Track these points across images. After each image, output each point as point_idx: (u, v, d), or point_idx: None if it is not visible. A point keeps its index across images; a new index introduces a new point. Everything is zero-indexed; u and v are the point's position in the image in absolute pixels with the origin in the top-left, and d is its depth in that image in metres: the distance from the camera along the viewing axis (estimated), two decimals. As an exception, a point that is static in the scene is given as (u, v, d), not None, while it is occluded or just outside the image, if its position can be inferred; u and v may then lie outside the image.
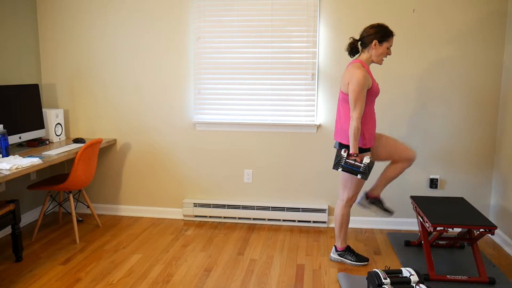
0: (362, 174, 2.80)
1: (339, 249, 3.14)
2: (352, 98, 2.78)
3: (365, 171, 2.79)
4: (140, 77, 3.95)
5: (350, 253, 3.12)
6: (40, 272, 2.98)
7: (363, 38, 2.88)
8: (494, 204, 3.63)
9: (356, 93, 2.76)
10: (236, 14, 3.73)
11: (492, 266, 3.06)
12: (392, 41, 2.86)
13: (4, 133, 3.06)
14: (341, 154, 2.84)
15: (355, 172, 2.81)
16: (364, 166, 2.79)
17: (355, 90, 2.76)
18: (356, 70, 2.78)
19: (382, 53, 2.86)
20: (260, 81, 3.78)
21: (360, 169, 2.80)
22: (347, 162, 2.82)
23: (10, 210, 3.06)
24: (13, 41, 3.71)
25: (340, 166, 2.84)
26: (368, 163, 2.79)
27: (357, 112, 2.77)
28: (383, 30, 2.83)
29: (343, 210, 3.05)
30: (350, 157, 2.82)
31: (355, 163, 2.81)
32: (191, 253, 3.31)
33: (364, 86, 2.76)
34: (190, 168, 4.01)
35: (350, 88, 2.78)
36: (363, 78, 2.75)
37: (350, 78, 2.79)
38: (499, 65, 3.53)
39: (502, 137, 3.52)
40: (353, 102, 2.78)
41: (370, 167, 2.80)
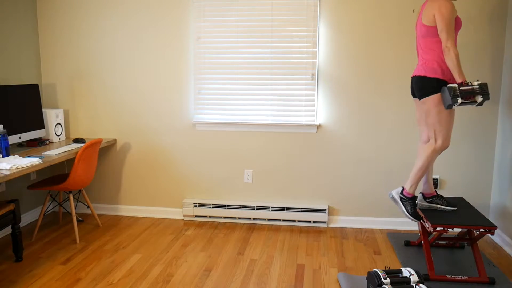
0: (484, 94, 2.63)
1: (406, 194, 2.99)
2: (444, 27, 2.72)
3: (484, 90, 2.62)
4: (140, 77, 3.95)
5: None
6: (40, 272, 2.98)
7: None
8: (494, 204, 3.63)
9: (448, 21, 2.71)
10: (236, 14, 3.73)
11: (492, 266, 3.06)
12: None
13: (4, 133, 3.06)
14: (453, 86, 2.65)
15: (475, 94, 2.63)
16: (479, 86, 2.63)
17: (447, 18, 2.72)
18: (443, 0, 2.75)
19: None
20: (260, 81, 3.78)
21: (477, 90, 2.63)
22: (462, 90, 2.64)
23: (10, 210, 3.06)
24: (13, 41, 3.71)
25: (458, 97, 2.63)
26: (480, 83, 2.65)
27: (451, 40, 2.71)
28: None
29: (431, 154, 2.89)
30: (462, 85, 2.66)
31: (472, 87, 2.64)
32: (191, 253, 3.31)
33: (453, 15, 2.74)
34: (190, 168, 4.01)
35: (439, 18, 2.73)
36: (451, 8, 2.73)
37: (438, 9, 2.74)
38: (500, 64, 3.53)
39: (502, 137, 3.52)
40: (445, 32, 2.72)
41: (485, 85, 2.63)
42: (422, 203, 3.10)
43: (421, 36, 2.89)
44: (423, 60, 2.88)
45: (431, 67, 2.82)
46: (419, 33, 2.91)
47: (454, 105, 2.67)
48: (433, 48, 2.83)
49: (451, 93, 2.66)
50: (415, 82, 2.92)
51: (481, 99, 2.64)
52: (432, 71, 2.82)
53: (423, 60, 2.87)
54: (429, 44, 2.84)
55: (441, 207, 3.04)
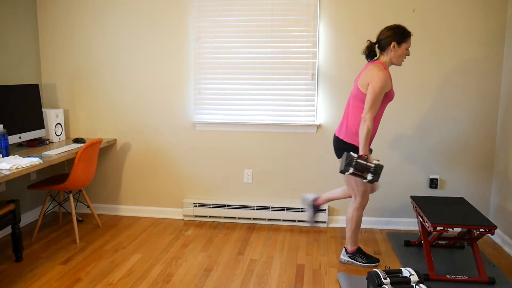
0: (374, 175, 2.72)
1: (350, 251, 3.11)
2: (370, 99, 2.73)
3: (377, 171, 2.72)
4: (140, 77, 3.95)
5: (360, 255, 3.09)
6: (40, 272, 2.98)
7: (380, 41, 2.85)
8: (494, 204, 3.63)
9: (375, 95, 2.72)
10: (236, 14, 3.73)
11: (492, 266, 3.06)
12: (410, 42, 2.83)
13: (4, 133, 3.06)
14: (352, 155, 2.73)
15: (366, 172, 2.73)
16: (375, 166, 2.72)
17: (375, 91, 2.72)
18: (379, 71, 2.74)
19: (401, 55, 2.83)
20: (260, 81, 3.78)
21: (371, 169, 2.72)
22: (358, 163, 2.72)
23: (10, 210, 3.06)
24: (13, 41, 3.71)
25: (351, 167, 2.73)
26: (377, 163, 2.73)
27: (371, 114, 2.74)
28: (401, 31, 2.80)
29: (355, 213, 3.01)
30: (360, 158, 2.75)
31: (367, 163, 2.73)
32: (191, 253, 3.31)
33: (384, 89, 2.74)
34: (190, 168, 4.01)
35: (370, 89, 2.73)
36: (385, 81, 2.72)
37: (372, 79, 2.74)
38: (500, 64, 3.53)
39: (502, 137, 3.52)
40: (369, 103, 2.74)
41: (381, 167, 2.73)
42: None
43: (352, 97, 2.90)
44: (346, 122, 2.91)
45: (351, 132, 2.88)
46: (352, 93, 2.91)
47: (345, 173, 2.76)
48: (357, 113, 2.86)
49: (347, 160, 2.74)
50: (335, 141, 2.99)
51: (371, 178, 2.73)
52: (350, 137, 2.88)
53: (346, 122, 2.91)
54: (357, 108, 2.86)
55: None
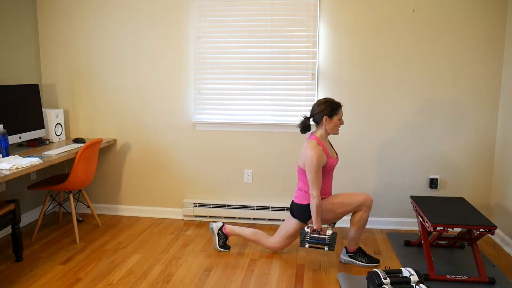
0: (329, 246, 2.90)
1: (351, 251, 3.11)
2: (310, 178, 2.89)
3: (331, 242, 2.89)
4: (140, 77, 3.95)
5: (361, 254, 3.10)
6: (40, 272, 2.98)
7: (313, 116, 3.00)
8: (494, 204, 3.63)
9: (313, 173, 2.87)
10: (236, 14, 3.73)
11: (492, 266, 3.06)
12: (341, 112, 2.98)
13: (4, 133, 3.06)
14: (305, 230, 2.91)
15: (321, 245, 2.90)
16: (329, 237, 2.89)
17: (311, 171, 2.87)
18: (310, 150, 2.87)
19: (335, 126, 2.98)
20: (260, 81, 3.78)
21: (325, 241, 2.89)
22: (312, 237, 2.90)
23: (10, 210, 3.06)
24: (13, 41, 3.71)
25: (306, 242, 2.92)
26: (331, 234, 2.90)
27: (316, 190, 2.87)
28: (330, 105, 2.94)
29: (362, 215, 3.01)
30: (314, 232, 2.90)
31: (320, 236, 2.89)
32: (191, 253, 3.31)
33: (319, 167, 2.87)
34: (190, 168, 4.01)
35: (307, 169, 2.90)
36: (316, 160, 2.85)
37: (305, 159, 2.90)
38: (500, 64, 3.53)
39: (502, 137, 3.52)
40: (310, 182, 2.88)
41: (334, 237, 2.90)
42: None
43: (298, 171, 3.04)
44: (299, 189, 3.05)
45: (303, 196, 3.02)
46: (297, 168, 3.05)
47: (303, 247, 3.00)
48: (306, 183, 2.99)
49: (301, 236, 2.93)
50: (294, 207, 3.09)
51: (327, 249, 2.91)
52: (304, 199, 3.02)
53: (300, 189, 3.05)
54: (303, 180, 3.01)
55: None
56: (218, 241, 3.32)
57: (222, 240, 3.32)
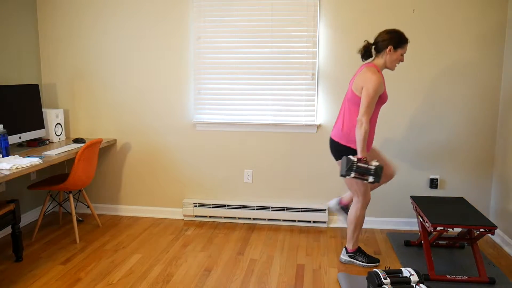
0: (375, 177, 2.74)
1: (350, 251, 3.11)
2: (365, 102, 2.75)
3: (377, 173, 2.74)
4: (140, 77, 3.95)
5: (361, 254, 3.10)
6: (40, 272, 2.98)
7: (377, 43, 2.86)
8: (494, 204, 3.63)
9: (370, 98, 2.74)
10: (236, 14, 3.73)
11: (492, 266, 3.06)
12: (406, 48, 2.85)
13: (4, 133, 3.06)
14: (352, 159, 2.74)
15: (367, 174, 2.75)
16: (375, 168, 2.74)
17: (369, 95, 2.74)
18: (372, 75, 2.76)
19: (396, 59, 2.85)
20: (260, 81, 3.78)
21: (371, 171, 2.74)
22: (358, 166, 2.73)
23: (10, 210, 3.06)
24: (13, 41, 3.71)
25: (352, 171, 2.74)
26: (377, 165, 2.75)
27: (367, 116, 2.75)
28: (398, 36, 2.82)
29: (358, 212, 3.01)
30: (360, 161, 2.76)
31: (367, 166, 2.75)
32: (191, 253, 3.31)
33: (378, 92, 2.76)
34: (190, 168, 4.01)
35: (364, 92, 2.76)
36: (378, 84, 2.74)
37: (365, 82, 2.76)
38: (500, 64, 3.53)
39: (502, 137, 3.52)
40: (364, 106, 2.75)
41: (381, 168, 2.75)
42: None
43: (347, 99, 2.93)
44: (341, 125, 2.93)
45: (346, 134, 2.89)
46: (347, 94, 2.93)
47: (346, 177, 2.79)
48: (353, 117, 2.88)
49: (348, 165, 2.76)
50: (331, 144, 3.00)
51: (372, 180, 2.76)
52: (346, 139, 2.90)
53: (342, 125, 2.93)
54: (352, 111, 2.88)
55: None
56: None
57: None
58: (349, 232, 3.08)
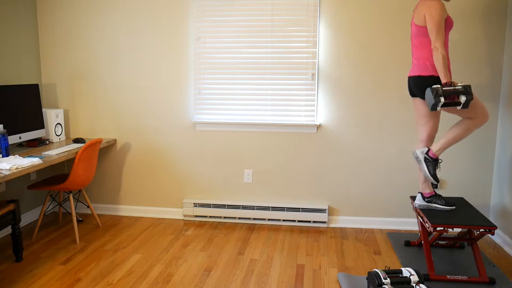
0: (466, 94, 2.61)
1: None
2: (434, 28, 2.78)
3: (467, 91, 2.60)
4: (140, 77, 3.95)
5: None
6: (40, 272, 2.98)
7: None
8: (494, 204, 3.63)
9: (437, 23, 2.77)
10: (236, 14, 3.73)
11: (492, 266, 3.06)
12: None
13: (4, 133, 3.06)
14: (436, 87, 2.64)
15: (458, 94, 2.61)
16: (463, 86, 2.61)
17: (436, 19, 2.78)
18: (433, 1, 2.81)
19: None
20: (260, 81, 3.78)
21: (461, 90, 2.61)
22: (445, 91, 2.64)
23: (10, 210, 3.06)
24: (13, 41, 3.71)
25: (441, 97, 2.62)
26: (463, 84, 2.63)
27: (440, 41, 2.76)
28: None
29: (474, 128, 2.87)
30: (445, 86, 2.67)
31: (454, 88, 2.64)
32: (191, 253, 3.31)
33: (443, 16, 2.80)
34: (190, 168, 4.01)
35: (429, 19, 2.80)
36: (441, 9, 2.79)
37: (428, 10, 2.81)
38: (500, 64, 3.53)
39: (502, 137, 3.52)
40: (434, 32, 2.78)
41: (469, 86, 2.61)
42: (420, 203, 3.11)
43: (414, 35, 2.96)
44: (416, 60, 2.95)
45: (424, 65, 2.89)
46: (412, 32, 2.97)
47: (438, 105, 2.67)
48: (424, 47, 2.90)
49: (433, 93, 2.68)
50: (413, 83, 2.97)
51: (465, 98, 2.64)
52: (426, 69, 2.89)
53: (417, 60, 2.95)
54: (422, 43, 2.91)
55: (440, 206, 3.05)
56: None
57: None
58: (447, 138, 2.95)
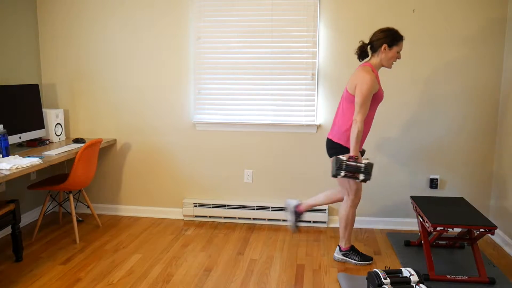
0: (366, 175, 2.78)
1: (344, 249, 3.13)
2: (358, 101, 2.78)
3: (367, 171, 2.77)
4: (140, 77, 3.95)
5: (354, 252, 3.12)
6: (40, 272, 2.98)
7: (372, 42, 2.89)
8: (494, 204, 3.63)
9: (363, 97, 2.77)
10: (236, 14, 3.73)
11: (492, 266, 3.06)
12: (402, 45, 2.87)
13: (4, 133, 3.06)
14: (341, 158, 2.81)
15: (358, 172, 2.78)
16: (365, 165, 2.77)
17: (363, 94, 2.77)
18: (366, 74, 2.78)
19: (392, 57, 2.87)
20: (260, 81, 3.78)
21: (361, 169, 2.77)
22: (348, 165, 2.79)
23: (10, 210, 3.06)
24: (13, 41, 3.71)
25: (342, 170, 2.80)
26: (367, 163, 2.78)
27: (361, 116, 2.78)
28: (393, 34, 2.84)
29: (348, 211, 3.04)
30: (350, 160, 2.80)
31: (357, 164, 2.79)
32: (191, 253, 3.31)
33: (371, 91, 2.78)
34: (190, 168, 4.01)
35: (358, 91, 2.79)
36: (371, 83, 2.76)
37: (359, 81, 2.79)
38: (500, 64, 3.53)
39: (502, 137, 3.52)
40: (358, 106, 2.79)
41: (371, 166, 2.78)
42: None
43: (343, 98, 2.96)
44: (337, 126, 2.97)
45: (340, 131, 2.93)
46: (343, 95, 2.97)
47: (337, 176, 2.82)
48: (348, 115, 2.91)
49: (337, 164, 2.81)
50: (327, 144, 3.03)
51: (363, 178, 2.79)
52: (339, 136, 2.93)
53: (338, 126, 2.96)
54: (348, 109, 2.91)
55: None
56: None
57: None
58: (341, 230, 3.11)
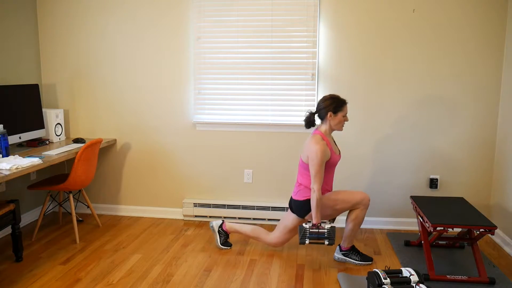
0: (329, 240, 2.92)
1: (344, 249, 3.13)
2: (312, 172, 2.90)
3: (331, 236, 2.91)
4: (140, 77, 3.95)
5: (354, 252, 3.12)
6: (40, 272, 2.98)
7: (318, 112, 3.02)
8: (494, 204, 3.63)
9: (316, 168, 2.88)
10: (236, 14, 3.73)
11: (492, 266, 3.06)
12: (346, 109, 3.00)
13: (4, 133, 3.06)
14: (304, 226, 2.92)
15: (321, 239, 2.92)
16: (328, 231, 2.91)
17: (314, 165, 2.88)
18: (315, 145, 2.89)
19: (339, 122, 2.99)
20: (260, 81, 3.78)
21: (325, 235, 2.91)
22: (312, 232, 2.92)
23: (10, 210, 3.06)
24: (13, 41, 3.71)
25: (306, 238, 2.93)
26: (329, 227, 2.91)
27: (317, 185, 2.88)
28: (335, 101, 2.96)
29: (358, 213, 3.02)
30: (313, 227, 2.91)
31: (319, 230, 2.91)
32: (191, 253, 3.31)
33: (323, 161, 2.89)
34: (190, 168, 4.01)
35: (310, 163, 2.91)
36: (321, 154, 2.87)
37: (309, 154, 2.91)
38: (500, 64, 3.53)
39: (502, 137, 3.52)
40: (313, 175, 2.89)
41: (333, 231, 2.92)
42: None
43: (300, 163, 3.06)
44: (297, 186, 3.08)
45: (302, 191, 3.04)
46: (299, 162, 3.07)
47: (304, 244, 2.94)
48: (306, 177, 3.02)
49: (300, 233, 2.93)
50: (292, 202, 3.12)
51: (327, 243, 2.93)
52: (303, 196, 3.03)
53: (298, 186, 3.08)
54: (305, 174, 3.02)
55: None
56: (219, 238, 3.35)
57: (223, 237, 3.36)
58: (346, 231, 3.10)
